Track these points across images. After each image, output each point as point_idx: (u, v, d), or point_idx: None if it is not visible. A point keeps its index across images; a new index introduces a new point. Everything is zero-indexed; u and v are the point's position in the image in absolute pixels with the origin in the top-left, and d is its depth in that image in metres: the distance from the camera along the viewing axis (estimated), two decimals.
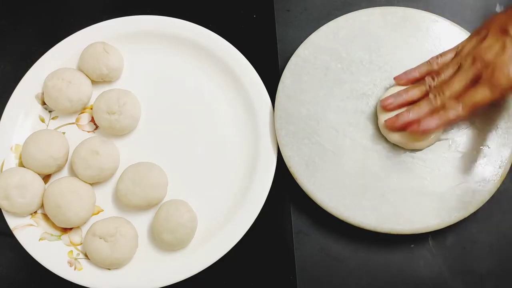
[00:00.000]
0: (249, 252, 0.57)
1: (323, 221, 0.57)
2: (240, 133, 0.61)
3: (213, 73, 0.63)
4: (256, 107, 0.61)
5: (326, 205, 0.55)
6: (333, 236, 0.58)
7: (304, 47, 0.61)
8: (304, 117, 0.59)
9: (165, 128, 0.62)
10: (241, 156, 0.60)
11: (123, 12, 0.65)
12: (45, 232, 0.57)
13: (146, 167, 0.58)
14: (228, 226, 0.57)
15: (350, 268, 0.57)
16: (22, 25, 0.68)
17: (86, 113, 0.63)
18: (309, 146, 0.58)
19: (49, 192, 0.57)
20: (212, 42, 0.63)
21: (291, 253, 0.57)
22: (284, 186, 0.59)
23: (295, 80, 0.60)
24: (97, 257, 0.55)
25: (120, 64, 0.63)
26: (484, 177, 0.55)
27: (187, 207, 0.56)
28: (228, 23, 0.65)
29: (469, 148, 0.56)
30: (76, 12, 0.69)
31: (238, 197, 0.58)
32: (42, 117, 0.62)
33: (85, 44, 0.63)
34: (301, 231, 0.58)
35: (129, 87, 0.62)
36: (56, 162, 0.58)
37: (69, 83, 0.60)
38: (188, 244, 0.57)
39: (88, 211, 0.57)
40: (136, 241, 0.57)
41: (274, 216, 0.59)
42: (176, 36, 0.64)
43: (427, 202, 0.55)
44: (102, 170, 0.58)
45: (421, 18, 0.61)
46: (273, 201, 0.58)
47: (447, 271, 0.56)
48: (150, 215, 0.58)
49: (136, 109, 0.61)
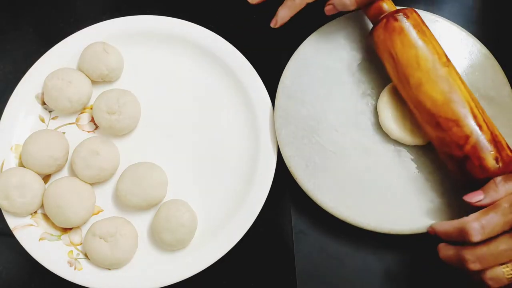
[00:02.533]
0: (249, 252, 0.57)
1: (323, 221, 0.57)
2: (240, 133, 0.61)
3: (213, 73, 0.63)
4: (256, 107, 0.61)
5: (326, 205, 0.55)
6: (333, 236, 0.58)
7: (304, 47, 0.61)
8: (304, 117, 0.59)
9: (165, 128, 0.62)
10: (241, 156, 0.60)
11: (123, 12, 0.65)
12: (45, 232, 0.57)
13: (146, 167, 0.58)
14: (228, 226, 0.57)
15: (350, 268, 0.56)
16: (22, 25, 0.68)
17: (86, 113, 0.63)
18: (309, 146, 0.58)
19: (49, 192, 0.57)
20: (212, 42, 0.63)
21: (291, 253, 0.57)
22: (284, 186, 0.59)
23: (295, 80, 0.60)
24: (97, 257, 0.55)
25: (120, 64, 0.63)
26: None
27: (187, 207, 0.56)
28: (228, 23, 0.65)
29: None
30: (76, 12, 0.69)
31: (238, 197, 0.58)
32: (42, 117, 0.62)
33: (85, 44, 0.63)
34: (301, 231, 0.58)
35: (129, 87, 0.62)
36: (56, 162, 0.58)
37: (69, 83, 0.60)
38: (188, 244, 0.57)
39: (88, 211, 0.57)
40: (136, 241, 0.57)
41: (274, 216, 0.59)
42: (176, 36, 0.64)
43: (428, 202, 0.55)
44: (102, 170, 0.58)
45: None
46: (273, 201, 0.58)
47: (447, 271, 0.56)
48: (150, 215, 0.58)
49: (136, 109, 0.61)
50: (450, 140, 0.51)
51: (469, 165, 0.50)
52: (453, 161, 0.51)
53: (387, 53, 0.54)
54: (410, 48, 0.53)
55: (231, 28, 0.64)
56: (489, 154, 0.49)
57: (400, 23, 0.53)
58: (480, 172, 0.50)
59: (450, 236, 0.48)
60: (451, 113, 0.51)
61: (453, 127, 0.50)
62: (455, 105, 0.51)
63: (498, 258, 0.45)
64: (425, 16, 0.61)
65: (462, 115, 0.50)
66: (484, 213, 0.46)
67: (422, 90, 0.52)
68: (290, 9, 0.58)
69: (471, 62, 0.59)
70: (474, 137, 0.50)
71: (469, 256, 0.45)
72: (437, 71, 0.52)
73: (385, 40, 0.54)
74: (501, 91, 0.57)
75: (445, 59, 0.53)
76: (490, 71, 0.58)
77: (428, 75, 0.52)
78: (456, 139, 0.50)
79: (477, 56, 0.59)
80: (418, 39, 0.53)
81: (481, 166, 0.49)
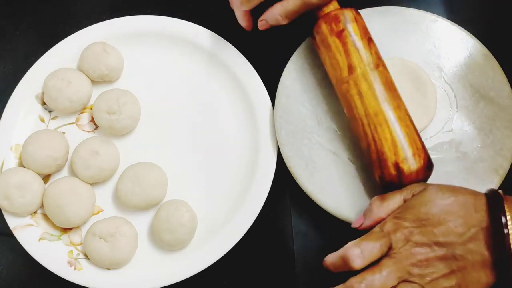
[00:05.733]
0: (249, 252, 0.57)
1: (323, 221, 0.57)
2: (240, 133, 0.61)
3: (213, 73, 0.63)
4: (256, 107, 0.61)
5: (326, 205, 0.55)
6: (333, 236, 0.57)
7: (304, 47, 0.61)
8: (304, 117, 0.59)
9: (165, 128, 0.62)
10: (241, 156, 0.60)
11: (123, 12, 0.65)
12: (45, 232, 0.57)
13: (146, 167, 0.58)
14: (228, 226, 0.57)
15: None
16: (22, 25, 0.68)
17: (86, 113, 0.63)
18: (309, 146, 0.58)
19: (49, 192, 0.57)
20: (212, 42, 0.63)
21: (291, 253, 0.57)
22: (284, 186, 0.59)
23: (295, 80, 0.60)
24: (97, 257, 0.55)
25: (120, 64, 0.63)
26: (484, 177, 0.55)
27: (187, 207, 0.56)
28: (228, 23, 0.65)
29: (469, 148, 0.56)
30: (76, 12, 0.69)
31: (238, 197, 0.58)
32: (42, 117, 0.62)
33: (85, 44, 0.63)
34: (301, 231, 0.58)
35: (129, 87, 0.62)
36: (56, 162, 0.58)
37: (69, 83, 0.60)
38: (188, 244, 0.57)
39: (88, 211, 0.57)
40: (136, 241, 0.57)
41: (274, 216, 0.59)
42: (176, 36, 0.64)
43: None
44: (102, 170, 0.58)
45: (421, 18, 0.61)
46: (273, 201, 0.58)
47: None
48: (150, 215, 0.58)
49: (136, 109, 0.61)
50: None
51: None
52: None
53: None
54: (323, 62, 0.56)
55: (231, 28, 0.64)
56: (376, 172, 0.52)
57: (315, 39, 0.56)
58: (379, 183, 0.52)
59: (338, 267, 0.47)
60: (353, 129, 0.54)
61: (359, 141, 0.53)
62: (353, 122, 0.53)
63: (385, 283, 0.44)
64: (425, 16, 0.61)
65: (359, 133, 0.53)
66: (362, 239, 0.46)
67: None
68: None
69: (471, 62, 0.59)
70: (366, 154, 0.52)
71: (357, 285, 0.44)
72: (340, 85, 0.54)
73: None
74: (501, 91, 0.57)
75: (346, 73, 0.53)
76: (490, 71, 0.58)
77: (336, 90, 0.55)
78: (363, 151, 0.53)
79: (477, 56, 0.59)
80: (325, 55, 0.55)
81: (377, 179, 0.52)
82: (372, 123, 0.51)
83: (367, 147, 0.52)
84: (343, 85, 0.53)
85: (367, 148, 0.52)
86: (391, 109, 0.51)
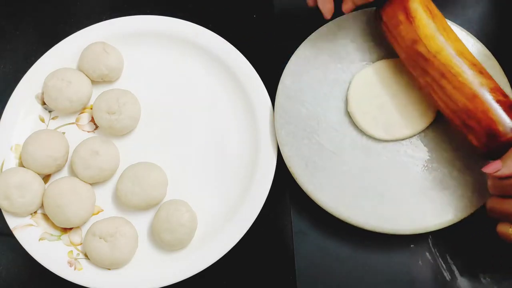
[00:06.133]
0: (249, 252, 0.57)
1: (323, 221, 0.57)
2: (240, 133, 0.61)
3: (213, 73, 0.63)
4: (256, 107, 0.61)
5: (326, 205, 0.55)
6: (333, 236, 0.58)
7: (304, 47, 0.61)
8: (304, 117, 0.59)
9: (165, 128, 0.62)
10: (241, 156, 0.60)
11: (123, 12, 0.65)
12: (45, 232, 0.57)
13: (146, 167, 0.58)
14: (228, 226, 0.57)
15: (350, 268, 0.56)
16: (22, 25, 0.68)
17: (86, 113, 0.63)
18: (309, 146, 0.58)
19: (49, 192, 0.57)
20: (212, 42, 0.63)
21: (291, 253, 0.57)
22: (284, 186, 0.59)
23: (295, 80, 0.60)
24: (97, 257, 0.55)
25: (120, 64, 0.63)
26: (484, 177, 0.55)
27: (187, 207, 0.56)
28: (228, 23, 0.65)
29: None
30: (76, 12, 0.69)
31: (238, 197, 0.58)
32: (42, 117, 0.62)
33: (85, 44, 0.63)
34: (301, 231, 0.58)
35: (129, 87, 0.62)
36: (56, 162, 0.58)
37: (69, 83, 0.60)
38: (188, 244, 0.57)
39: (88, 211, 0.57)
40: (136, 241, 0.57)
41: (274, 216, 0.59)
42: (176, 36, 0.64)
43: (427, 202, 0.55)
44: (102, 170, 0.58)
45: None
46: (273, 201, 0.58)
47: (447, 271, 0.56)
48: (150, 215, 0.58)
49: (136, 109, 0.61)
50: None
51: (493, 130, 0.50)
52: (480, 127, 0.51)
53: (397, 28, 0.55)
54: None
55: (231, 28, 0.64)
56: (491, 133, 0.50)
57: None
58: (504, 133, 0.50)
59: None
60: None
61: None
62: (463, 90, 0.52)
63: None
64: None
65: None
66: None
67: (442, 55, 0.53)
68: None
69: None
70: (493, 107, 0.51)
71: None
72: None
73: (395, 11, 0.55)
74: None
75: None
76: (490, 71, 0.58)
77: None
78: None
79: (477, 56, 0.59)
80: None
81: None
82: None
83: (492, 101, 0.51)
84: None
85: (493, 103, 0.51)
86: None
